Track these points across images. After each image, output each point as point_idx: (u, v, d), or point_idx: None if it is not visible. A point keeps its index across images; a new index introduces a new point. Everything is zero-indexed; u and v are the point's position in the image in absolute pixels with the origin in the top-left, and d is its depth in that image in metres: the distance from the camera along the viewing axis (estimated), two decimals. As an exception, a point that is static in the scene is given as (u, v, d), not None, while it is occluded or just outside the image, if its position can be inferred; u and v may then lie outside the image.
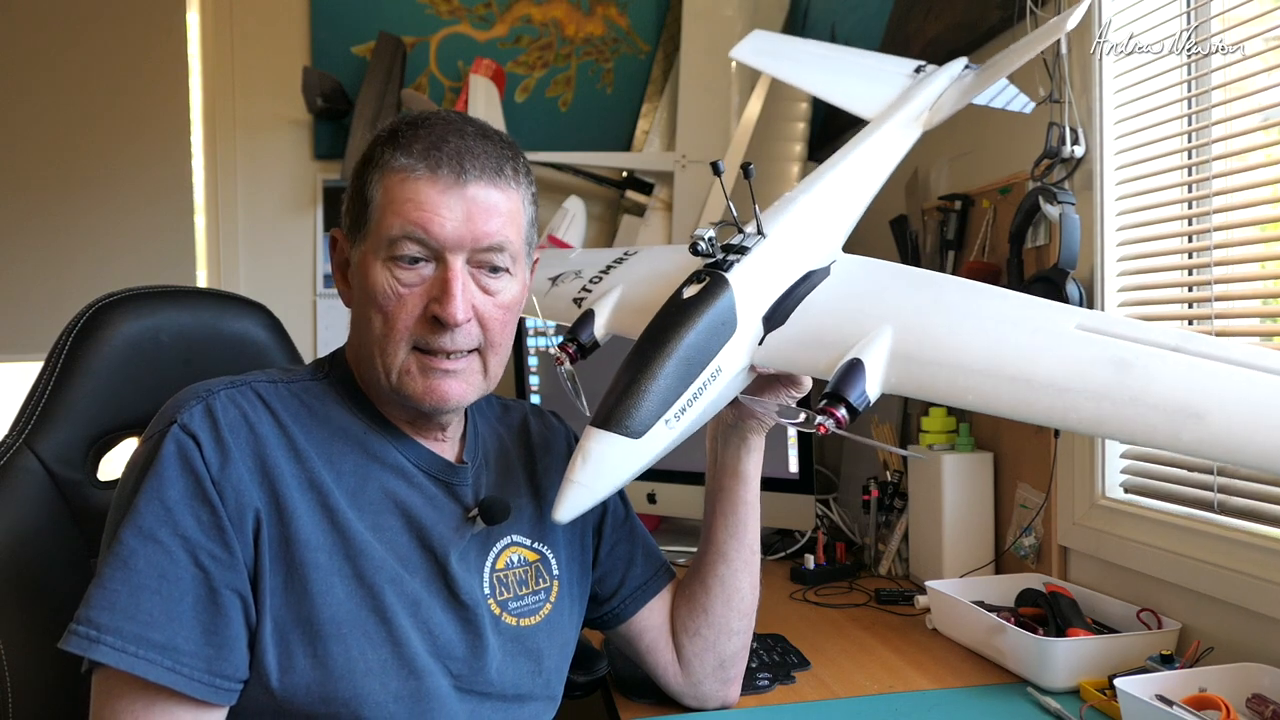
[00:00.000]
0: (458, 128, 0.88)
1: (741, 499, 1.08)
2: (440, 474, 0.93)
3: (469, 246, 0.86)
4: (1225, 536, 1.18)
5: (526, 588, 0.97)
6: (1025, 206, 1.47)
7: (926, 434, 1.69)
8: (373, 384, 0.91)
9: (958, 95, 1.18)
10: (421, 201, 0.84)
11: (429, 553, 0.89)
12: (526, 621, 0.96)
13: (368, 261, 0.87)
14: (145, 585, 0.76)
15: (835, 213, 1.02)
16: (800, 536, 1.93)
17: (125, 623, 0.75)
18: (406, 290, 0.85)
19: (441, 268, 0.86)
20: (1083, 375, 0.73)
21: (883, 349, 0.80)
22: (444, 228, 0.84)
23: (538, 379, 2.21)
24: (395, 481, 0.90)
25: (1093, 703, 1.13)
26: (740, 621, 1.10)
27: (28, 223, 2.36)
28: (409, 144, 0.86)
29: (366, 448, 0.90)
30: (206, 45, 2.43)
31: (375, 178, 0.87)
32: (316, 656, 0.81)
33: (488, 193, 0.86)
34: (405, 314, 0.86)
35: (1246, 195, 1.21)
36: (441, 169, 0.85)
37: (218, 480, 0.80)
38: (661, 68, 2.58)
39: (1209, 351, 0.72)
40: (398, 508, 0.89)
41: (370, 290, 0.86)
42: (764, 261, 0.90)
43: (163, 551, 0.77)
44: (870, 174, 1.10)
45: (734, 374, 0.86)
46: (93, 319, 1.07)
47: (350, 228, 0.90)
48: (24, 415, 1.04)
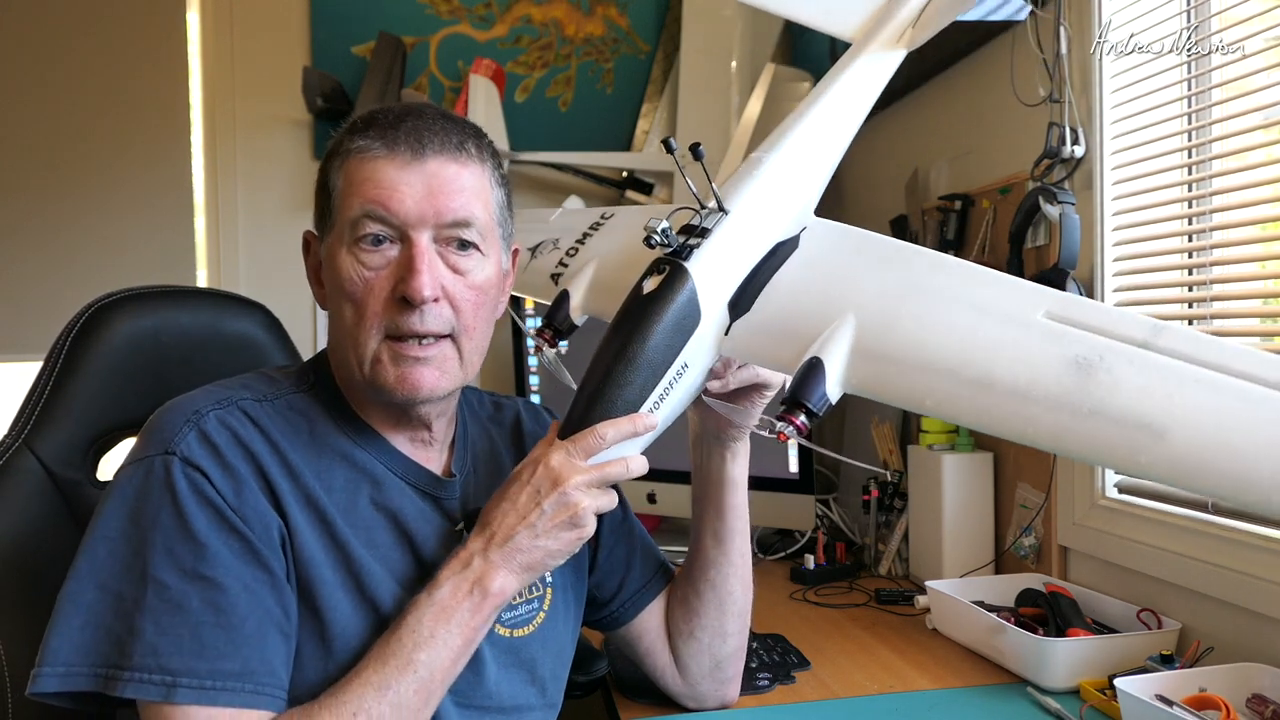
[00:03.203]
0: (417, 111, 0.87)
1: (729, 504, 1.05)
2: (427, 487, 0.92)
3: (432, 222, 0.84)
4: (1225, 537, 1.18)
5: (520, 596, 0.94)
6: (1025, 206, 1.46)
7: (926, 434, 1.69)
8: (350, 383, 0.90)
9: (945, 5, 1.04)
10: (379, 179, 0.83)
11: (422, 568, 0.88)
12: (520, 632, 0.95)
13: (334, 252, 0.86)
14: (205, 621, 0.76)
15: (807, 171, 0.95)
16: (800, 536, 1.93)
17: (196, 661, 0.75)
18: (372, 274, 0.83)
19: (406, 246, 0.84)
20: (1043, 380, 0.70)
21: (843, 344, 0.77)
22: (404, 203, 0.82)
23: (538, 379, 2.21)
24: (384, 495, 0.89)
25: (1093, 703, 1.13)
26: (734, 623, 1.09)
27: (28, 223, 2.35)
28: (366, 128, 0.86)
29: (354, 462, 0.88)
30: (206, 45, 2.43)
31: (336, 165, 0.87)
32: (327, 673, 0.81)
33: (447, 167, 0.85)
34: (373, 299, 0.83)
35: (1246, 195, 1.21)
36: (399, 146, 0.83)
37: (236, 507, 0.79)
38: (661, 68, 2.58)
39: (1181, 349, 0.68)
40: (389, 522, 0.88)
41: (339, 280, 0.85)
42: (727, 242, 0.85)
43: (211, 586, 0.76)
44: (846, 115, 1.00)
45: (701, 368, 0.85)
46: (92, 319, 1.07)
47: (318, 224, 0.90)
48: (23, 415, 1.04)
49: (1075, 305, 0.74)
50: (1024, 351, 0.72)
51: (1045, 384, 0.69)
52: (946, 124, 1.84)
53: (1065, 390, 0.68)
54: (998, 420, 0.71)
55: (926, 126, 1.93)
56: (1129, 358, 0.68)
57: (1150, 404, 0.65)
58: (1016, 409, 0.70)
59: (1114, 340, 0.70)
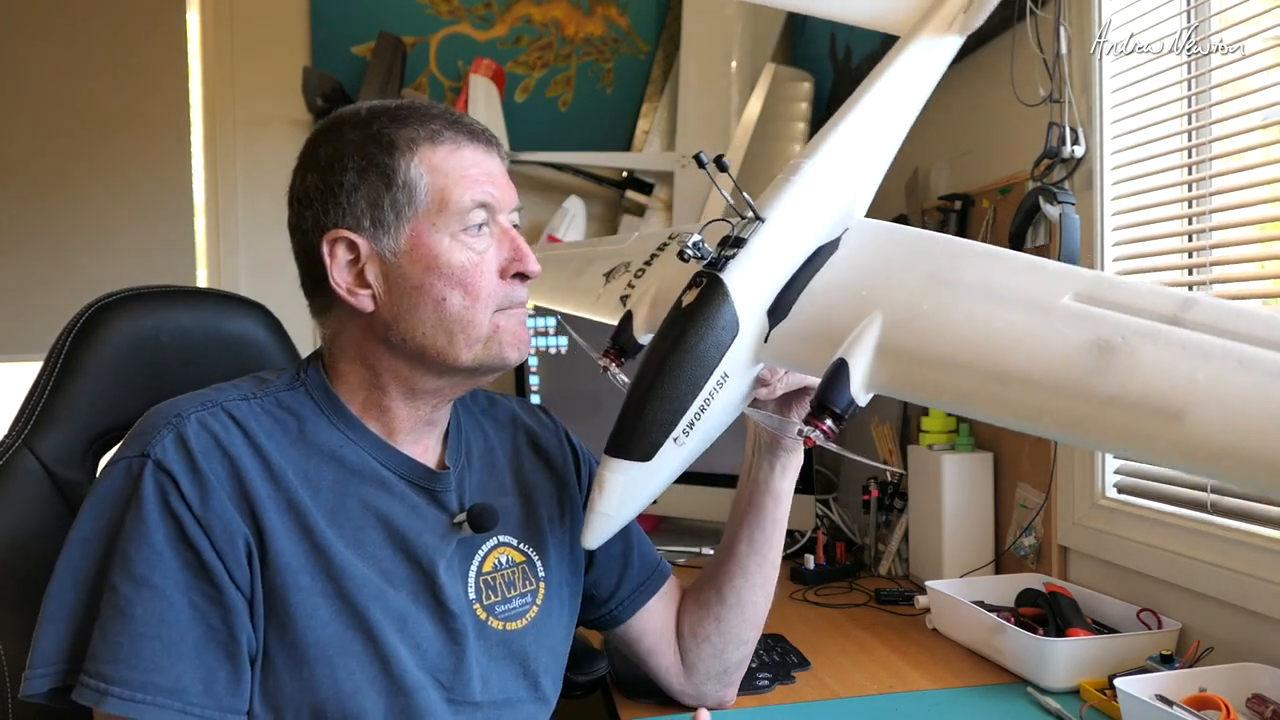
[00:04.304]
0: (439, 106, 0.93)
1: (771, 516, 1.06)
2: (421, 480, 0.92)
3: (510, 206, 0.92)
4: (1225, 537, 1.18)
5: (514, 589, 0.96)
6: (1025, 206, 1.46)
7: (926, 434, 1.69)
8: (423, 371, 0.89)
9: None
10: (481, 170, 0.89)
11: (414, 564, 0.88)
12: (513, 625, 0.95)
13: (430, 242, 0.86)
14: (145, 633, 0.76)
15: (850, 173, 0.92)
16: (800, 536, 1.92)
17: (130, 672, 0.75)
18: (479, 256, 0.88)
19: (498, 229, 0.90)
20: (1059, 367, 0.66)
21: (869, 344, 0.75)
22: (500, 189, 0.90)
23: (538, 379, 2.21)
24: (374, 493, 0.88)
25: (1093, 703, 1.13)
26: (751, 632, 1.10)
27: (27, 223, 2.35)
28: (426, 122, 0.88)
29: (343, 461, 0.88)
30: (206, 45, 2.43)
31: (411, 161, 0.86)
32: (303, 680, 0.81)
33: (499, 156, 0.93)
34: (486, 280, 0.88)
35: (1246, 195, 1.21)
36: (477, 137, 0.90)
37: (201, 516, 0.79)
38: (661, 68, 2.58)
39: (1213, 322, 0.63)
40: (379, 521, 0.88)
41: (445, 268, 0.86)
42: (763, 251, 0.84)
43: (158, 596, 0.77)
44: (896, 111, 0.98)
45: (742, 378, 0.84)
46: (92, 319, 1.07)
47: (374, 220, 0.87)
48: (23, 415, 1.04)
49: (1107, 285, 0.71)
50: (1042, 339, 0.69)
51: (1061, 371, 0.66)
52: (946, 124, 1.84)
53: (1081, 376, 0.65)
54: (1012, 412, 0.68)
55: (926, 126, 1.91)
56: (1154, 336, 0.65)
57: (1168, 385, 0.62)
58: (1030, 399, 0.67)
59: (1141, 319, 0.66)
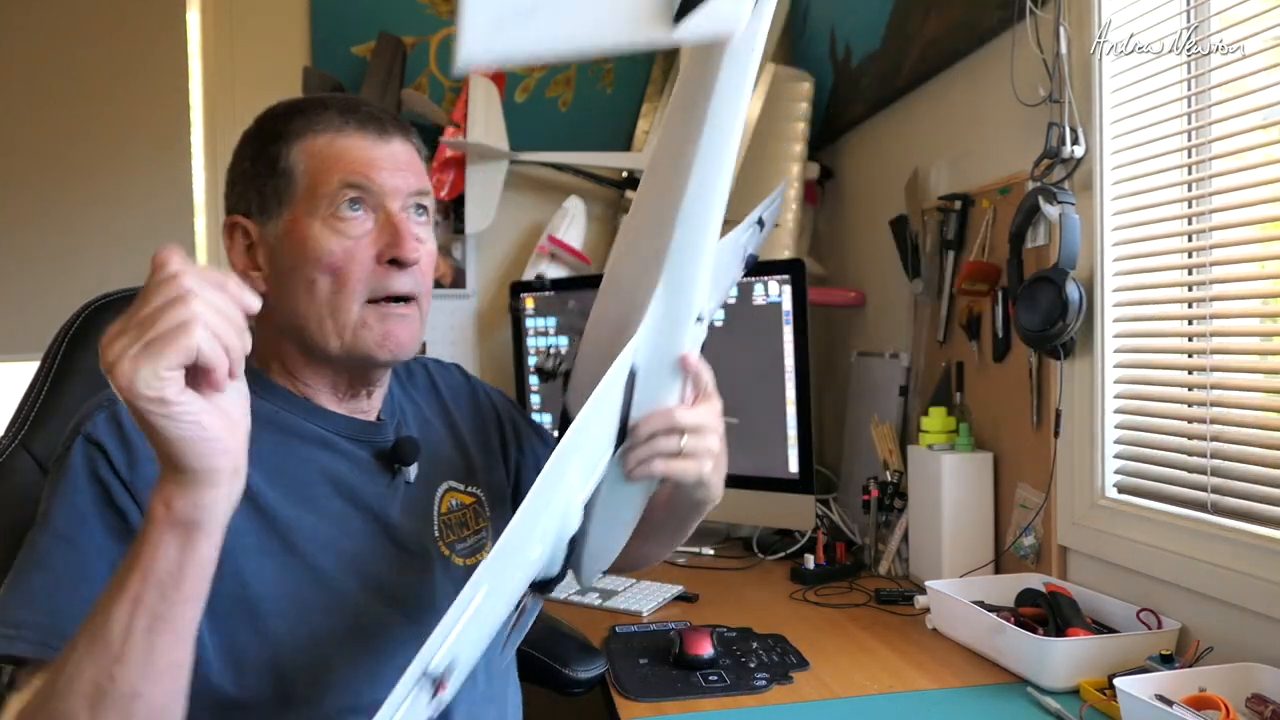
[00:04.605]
0: (352, 98, 0.94)
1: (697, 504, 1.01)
2: (361, 435, 0.94)
3: (404, 192, 0.90)
4: (1225, 537, 1.18)
5: (468, 529, 1.01)
6: (1025, 206, 1.46)
7: (926, 434, 1.69)
8: (301, 356, 0.90)
9: None
10: (357, 155, 0.88)
11: (365, 511, 0.91)
12: (473, 560, 0.99)
13: (303, 226, 0.87)
14: (63, 583, 0.76)
15: None
16: (800, 536, 1.93)
17: (44, 618, 0.75)
18: (353, 242, 0.87)
19: (383, 215, 0.88)
20: None
21: None
22: (382, 175, 0.88)
23: (536, 379, 2.21)
24: (318, 451, 0.91)
25: (1092, 703, 1.13)
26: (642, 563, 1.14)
27: (27, 222, 2.35)
28: (319, 113, 0.89)
29: (282, 425, 0.90)
30: (206, 45, 2.43)
31: (293, 147, 0.88)
32: (262, 635, 0.82)
33: (405, 147, 0.92)
34: (357, 266, 0.87)
35: (1246, 195, 1.21)
36: (367, 125, 0.90)
37: (129, 481, 0.80)
38: (661, 68, 2.58)
39: None
40: (324, 476, 0.90)
41: (314, 252, 0.86)
42: None
43: (77, 551, 0.77)
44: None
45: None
46: (88, 320, 1.07)
47: (260, 207, 0.89)
48: (20, 416, 1.04)
49: None
50: None
51: None
52: (946, 124, 1.83)
53: None
54: None
55: (926, 126, 1.92)
56: None
57: None
58: None
59: None
